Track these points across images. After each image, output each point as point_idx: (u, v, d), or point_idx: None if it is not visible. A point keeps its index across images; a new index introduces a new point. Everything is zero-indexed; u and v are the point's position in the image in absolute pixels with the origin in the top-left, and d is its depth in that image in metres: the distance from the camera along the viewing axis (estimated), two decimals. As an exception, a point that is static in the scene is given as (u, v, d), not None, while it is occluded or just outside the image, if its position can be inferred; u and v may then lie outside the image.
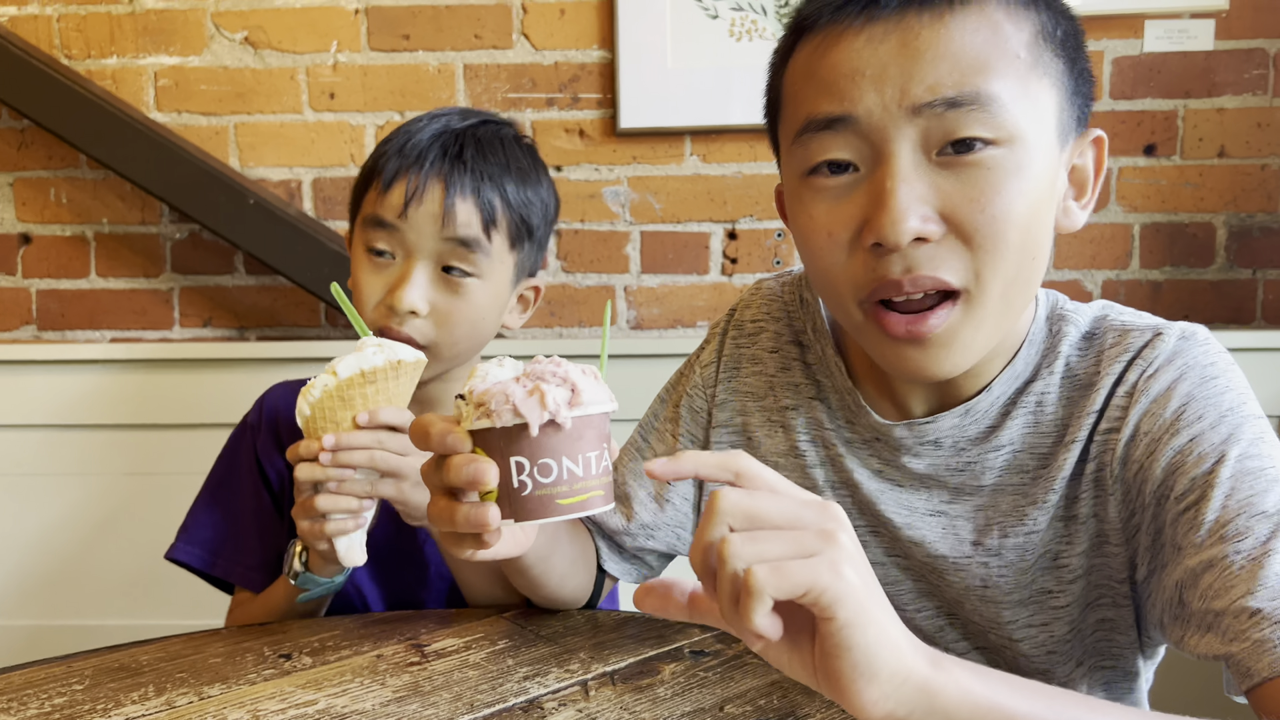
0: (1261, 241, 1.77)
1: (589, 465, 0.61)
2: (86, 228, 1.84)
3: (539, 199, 1.12)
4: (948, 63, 0.67)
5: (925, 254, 0.68)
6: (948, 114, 0.67)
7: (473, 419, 0.60)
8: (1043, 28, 0.70)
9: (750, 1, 1.73)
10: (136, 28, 1.80)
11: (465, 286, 1.05)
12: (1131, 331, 0.78)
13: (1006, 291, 0.70)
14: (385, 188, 1.05)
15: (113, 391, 1.77)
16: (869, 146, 0.69)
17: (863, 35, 0.69)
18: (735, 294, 1.82)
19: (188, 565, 1.13)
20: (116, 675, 0.80)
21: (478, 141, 1.08)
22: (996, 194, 0.67)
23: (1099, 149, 0.76)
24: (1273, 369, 1.66)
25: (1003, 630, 0.80)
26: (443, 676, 0.79)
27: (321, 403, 0.91)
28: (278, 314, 1.84)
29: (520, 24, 1.78)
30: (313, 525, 0.92)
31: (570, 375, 0.61)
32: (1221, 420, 0.70)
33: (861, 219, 0.70)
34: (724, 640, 0.86)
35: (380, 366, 0.91)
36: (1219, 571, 0.64)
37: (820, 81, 0.71)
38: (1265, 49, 1.73)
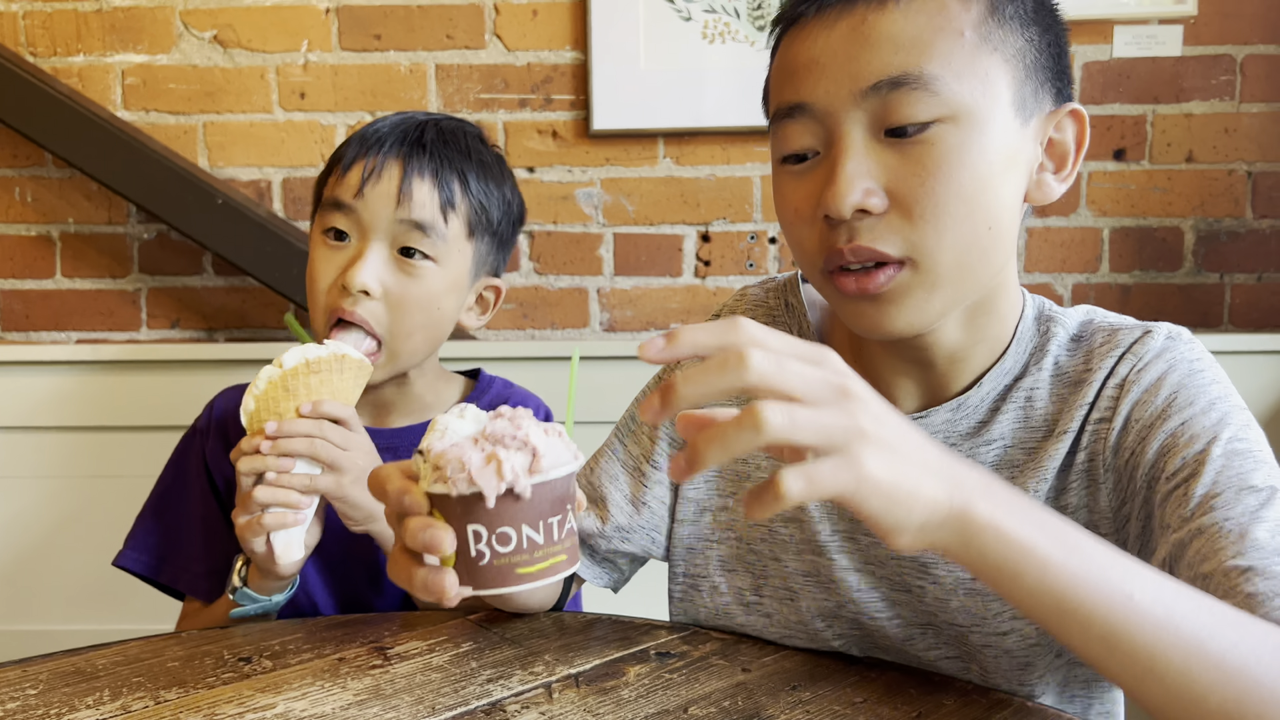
0: (1228, 246, 1.79)
1: (550, 531, 0.59)
2: (52, 227, 1.82)
3: (500, 194, 1.11)
4: (889, 45, 0.70)
5: (866, 225, 0.72)
6: (891, 95, 0.70)
7: (430, 481, 0.58)
8: (994, 4, 0.73)
9: (723, 4, 1.73)
10: (104, 25, 1.78)
11: (420, 270, 1.05)
12: (1120, 330, 0.81)
13: (961, 259, 0.73)
14: (344, 171, 1.05)
15: (79, 393, 1.74)
16: (824, 130, 0.74)
17: (816, 24, 0.74)
18: (709, 296, 1.82)
19: (134, 572, 1.12)
20: (71, 680, 0.78)
21: (440, 130, 1.09)
22: (938, 168, 0.71)
23: (1079, 123, 0.78)
24: (1239, 372, 1.68)
25: (988, 626, 0.80)
26: (405, 679, 0.78)
27: (266, 394, 0.91)
28: (247, 315, 1.82)
29: (493, 24, 1.78)
30: (250, 520, 0.91)
31: (530, 438, 0.58)
32: (1212, 406, 0.73)
33: (817, 195, 0.74)
34: (690, 642, 0.86)
35: (324, 357, 0.92)
36: (1207, 538, 0.66)
37: (784, 72, 0.76)
38: (1233, 55, 1.75)
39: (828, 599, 0.85)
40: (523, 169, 1.80)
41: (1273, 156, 1.77)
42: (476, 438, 0.58)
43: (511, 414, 0.60)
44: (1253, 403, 1.68)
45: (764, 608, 0.89)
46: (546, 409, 1.19)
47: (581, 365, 1.71)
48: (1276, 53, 1.75)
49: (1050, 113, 0.76)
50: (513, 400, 1.18)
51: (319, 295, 1.06)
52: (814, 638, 0.87)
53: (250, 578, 0.97)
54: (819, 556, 0.86)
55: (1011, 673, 0.81)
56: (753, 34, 1.73)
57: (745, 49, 1.73)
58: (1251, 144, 1.77)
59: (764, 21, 1.73)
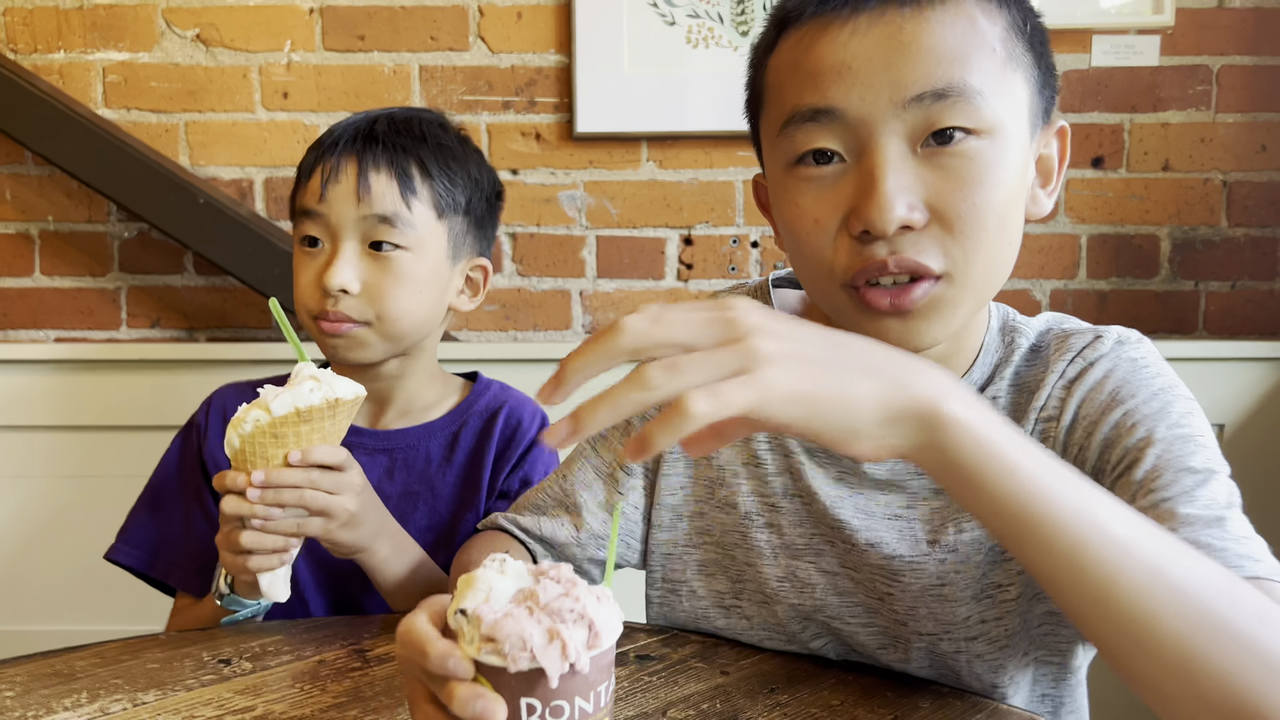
0: (1203, 254, 1.81)
1: (599, 698, 0.57)
2: (31, 225, 1.80)
3: (465, 174, 1.12)
4: (932, 56, 0.69)
5: (909, 240, 0.71)
6: (934, 106, 0.69)
7: (480, 650, 0.55)
8: (1013, 22, 0.73)
9: (707, 9, 1.74)
10: (85, 22, 1.77)
11: (395, 260, 1.06)
12: (1072, 335, 0.82)
13: (985, 272, 0.73)
14: (306, 179, 1.08)
15: (57, 392, 1.73)
16: (855, 138, 0.72)
17: (847, 28, 0.71)
18: (690, 299, 1.82)
19: (127, 566, 1.11)
20: (50, 681, 0.78)
21: (392, 121, 1.10)
22: (978, 184, 0.70)
23: (1062, 140, 0.80)
24: (1213, 378, 1.70)
25: (957, 631, 0.81)
26: (384, 682, 0.78)
27: (252, 437, 0.87)
28: (228, 315, 1.82)
29: (477, 26, 1.78)
30: (236, 559, 0.90)
31: (588, 610, 0.55)
32: (1154, 397, 0.75)
33: (848, 207, 0.72)
34: (669, 645, 0.86)
35: (317, 405, 0.87)
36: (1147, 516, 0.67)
37: (805, 74, 0.73)
38: (1209, 65, 1.78)
39: (803, 603, 0.86)
40: (506, 171, 1.80)
41: (1247, 166, 1.80)
42: (530, 606, 0.55)
43: (557, 573, 0.57)
44: (1226, 408, 1.71)
45: (743, 610, 0.89)
46: (543, 415, 1.19)
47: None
48: (1252, 64, 1.78)
49: (1042, 131, 0.77)
50: (510, 403, 1.18)
51: (304, 301, 1.08)
52: (793, 639, 0.87)
53: (237, 586, 0.97)
54: (795, 561, 0.86)
55: (985, 675, 0.82)
56: (736, 39, 1.74)
57: (729, 54, 1.74)
58: (1227, 154, 1.79)
59: (748, 27, 1.74)
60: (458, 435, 1.15)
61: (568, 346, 1.74)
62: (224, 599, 0.96)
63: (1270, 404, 1.70)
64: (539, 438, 1.00)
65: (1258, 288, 1.82)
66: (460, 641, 0.56)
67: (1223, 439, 1.69)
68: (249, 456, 0.88)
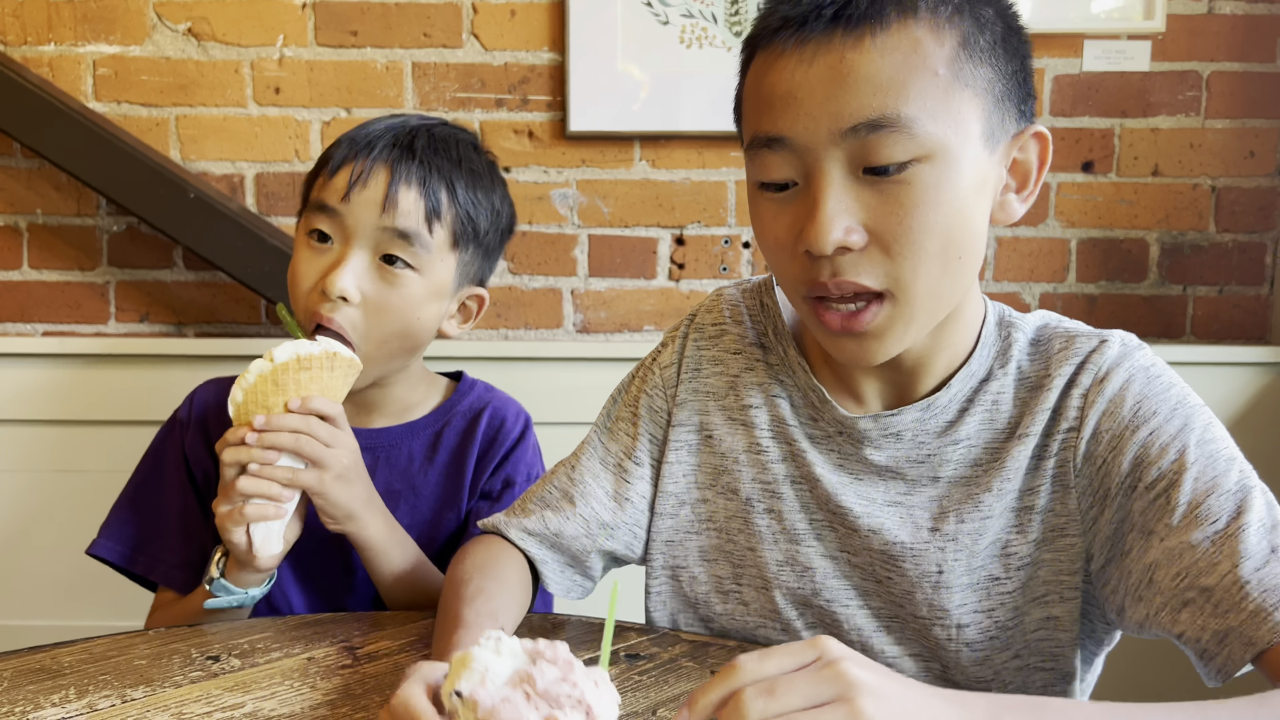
0: (1192, 259, 1.82)
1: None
2: (20, 218, 1.79)
3: (489, 204, 1.11)
4: (868, 86, 0.71)
5: (849, 261, 0.75)
6: (870, 137, 0.71)
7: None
8: (966, 38, 0.73)
9: (701, 9, 1.74)
10: (75, 15, 1.76)
11: (401, 279, 1.04)
12: (1077, 338, 0.84)
13: (934, 289, 0.76)
14: (332, 173, 1.04)
15: (44, 386, 1.72)
16: (803, 164, 0.75)
17: (794, 57, 0.74)
18: (682, 299, 1.83)
19: (108, 561, 1.11)
20: (37, 677, 0.78)
21: (431, 136, 1.08)
22: (915, 207, 0.73)
23: (1042, 144, 0.80)
24: (1201, 382, 1.70)
25: (950, 618, 0.83)
26: (374, 679, 0.78)
27: (256, 387, 0.92)
28: (217, 310, 1.81)
29: (470, 24, 1.77)
30: (232, 509, 0.92)
31: (585, 695, 0.56)
32: (1174, 413, 0.78)
33: (798, 227, 0.76)
34: (659, 644, 0.87)
35: (316, 354, 0.93)
36: (1201, 552, 0.71)
37: (762, 101, 0.76)
38: (1199, 71, 1.79)
39: (801, 587, 0.88)
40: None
41: (1236, 172, 1.81)
42: (527, 691, 0.55)
43: (553, 653, 0.57)
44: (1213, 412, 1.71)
45: (742, 595, 0.92)
46: (526, 415, 1.19)
47: (554, 367, 1.72)
48: (1241, 70, 1.79)
49: (1015, 135, 0.78)
50: (494, 402, 1.17)
51: (300, 296, 1.05)
52: (786, 628, 0.89)
53: (228, 570, 0.97)
54: (795, 545, 0.89)
55: (970, 668, 0.83)
56: (730, 40, 1.74)
57: (722, 54, 1.74)
58: (1216, 159, 1.80)
59: (741, 27, 1.74)
60: (440, 434, 1.15)
61: (558, 345, 1.76)
62: (213, 583, 0.96)
63: (1256, 408, 1.71)
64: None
65: (1245, 293, 1.83)
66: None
67: (1209, 443, 1.69)
68: (251, 408, 0.93)
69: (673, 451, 0.95)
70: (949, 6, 0.73)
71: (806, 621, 0.89)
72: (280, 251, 1.66)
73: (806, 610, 0.89)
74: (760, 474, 0.91)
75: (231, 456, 0.92)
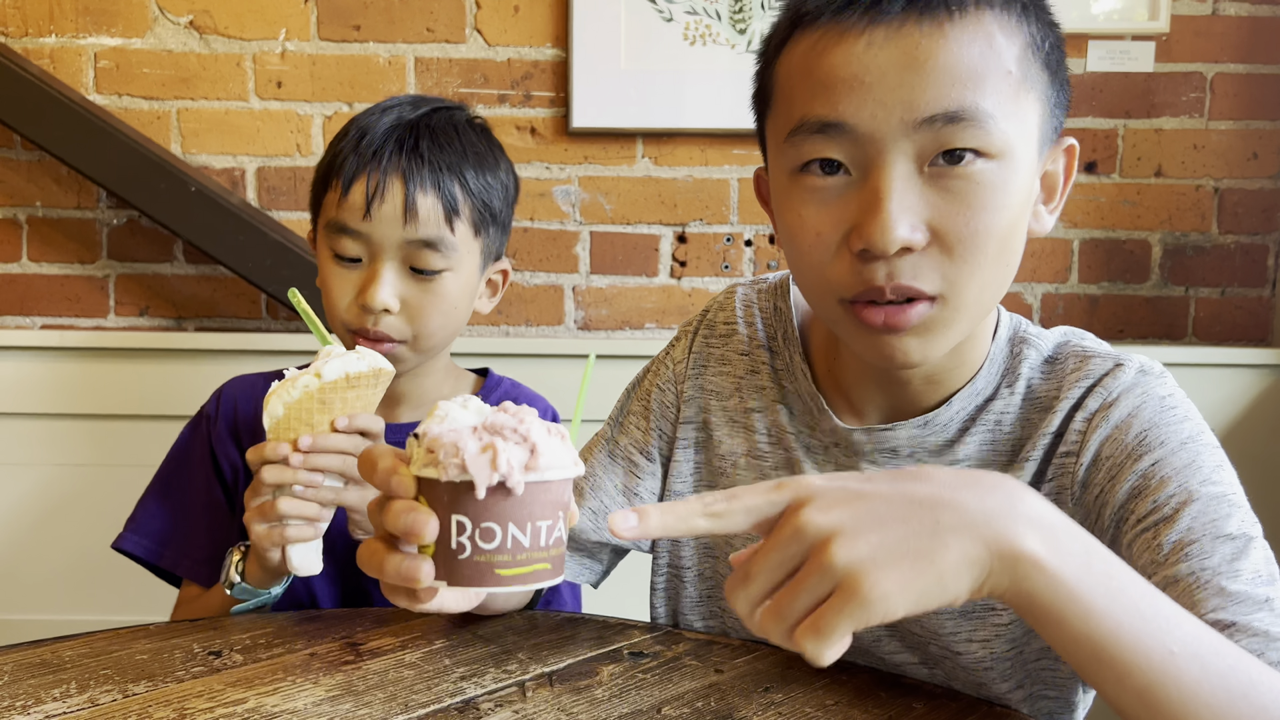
0: (1194, 260, 1.82)
1: (538, 535, 0.56)
2: (19, 210, 1.79)
3: (499, 182, 1.11)
4: (947, 77, 0.67)
5: (909, 263, 0.70)
6: (945, 129, 0.67)
7: (421, 464, 0.56)
8: (1031, 40, 0.71)
9: (705, 6, 1.74)
10: (77, 7, 1.75)
11: (435, 281, 1.06)
12: (1093, 358, 0.79)
13: (981, 295, 0.72)
14: (345, 189, 1.04)
15: (43, 380, 1.72)
16: (863, 154, 0.70)
17: (863, 39, 0.68)
18: (683, 296, 1.82)
19: (134, 556, 1.11)
20: (38, 671, 0.77)
21: (433, 131, 1.07)
22: (982, 209, 0.69)
23: (1070, 156, 0.78)
24: (1203, 384, 1.71)
25: (943, 642, 0.81)
26: (377, 676, 0.78)
27: (300, 403, 0.88)
28: (217, 304, 1.80)
29: (474, 19, 1.77)
30: (270, 530, 0.90)
31: (531, 434, 0.55)
32: (1183, 447, 0.73)
33: (850, 223, 0.71)
34: (663, 642, 0.86)
35: (365, 373, 0.90)
36: (1184, 588, 0.66)
37: (817, 82, 0.71)
38: (1203, 73, 1.79)
39: None
40: (500, 165, 1.79)
41: (1239, 173, 1.81)
42: (476, 427, 0.56)
43: (516, 410, 0.58)
44: (1214, 414, 1.72)
45: None
46: (554, 411, 1.20)
47: (555, 364, 1.71)
48: (1245, 71, 1.79)
49: (1052, 147, 0.76)
50: (520, 400, 1.19)
51: (338, 313, 1.06)
52: None
53: (248, 573, 0.97)
54: None
55: (969, 687, 0.82)
56: (734, 37, 1.74)
57: (726, 51, 1.74)
58: (1219, 160, 1.80)
59: (745, 25, 1.74)
60: None
61: (559, 342, 1.75)
62: (234, 588, 0.96)
63: (1258, 410, 1.71)
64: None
65: (1247, 294, 1.83)
66: (410, 465, 0.57)
67: (1210, 444, 1.69)
68: (293, 424, 0.89)
69: (680, 450, 0.94)
70: (1018, 5, 0.70)
71: None
72: (281, 246, 1.65)
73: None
74: (760, 479, 0.89)
75: (274, 477, 0.89)
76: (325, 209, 1.07)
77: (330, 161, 1.07)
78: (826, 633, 0.53)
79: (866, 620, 0.53)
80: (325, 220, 1.07)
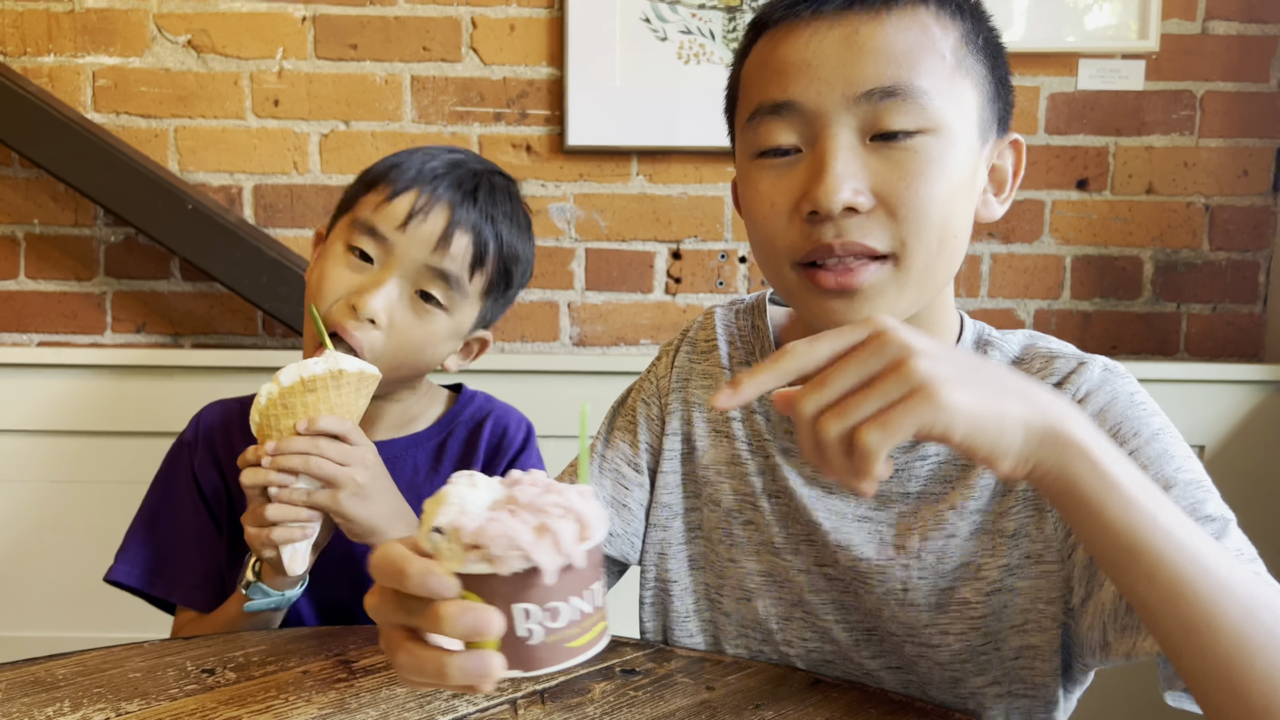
0: (1185, 276, 1.83)
1: (594, 597, 0.54)
2: (16, 228, 1.79)
3: (525, 257, 1.13)
4: (883, 57, 0.74)
5: (855, 223, 0.75)
6: (882, 104, 0.74)
7: (465, 561, 0.52)
8: (966, 34, 0.78)
9: (699, 26, 1.75)
10: (76, 26, 1.77)
11: (431, 315, 1.05)
12: (1058, 359, 0.83)
13: (929, 263, 0.77)
14: (392, 196, 1.03)
15: (40, 397, 1.72)
16: (810, 129, 0.76)
17: (809, 29, 0.76)
18: (678, 313, 1.83)
19: (127, 586, 1.11)
20: (31, 690, 0.78)
21: (492, 187, 1.09)
22: (921, 174, 0.74)
23: (1017, 152, 0.84)
24: (1194, 400, 1.72)
25: (919, 637, 0.83)
26: (370, 694, 0.78)
27: (266, 410, 0.93)
28: (214, 321, 1.81)
29: (469, 38, 1.78)
30: (259, 532, 0.93)
31: (573, 504, 0.53)
32: (1155, 437, 0.77)
33: (801, 191, 0.77)
34: (655, 659, 0.87)
35: (320, 374, 0.92)
36: None
37: (770, 71, 0.78)
38: (1193, 91, 1.80)
39: (783, 597, 0.89)
40: (496, 182, 1.80)
41: (1229, 190, 1.82)
42: (511, 509, 0.53)
43: (531, 479, 0.55)
44: (1206, 429, 1.73)
45: (723, 606, 0.92)
46: (528, 424, 1.20)
47: (550, 380, 1.72)
48: (1234, 89, 1.80)
49: (995, 141, 0.81)
50: (495, 412, 1.19)
51: (324, 303, 1.03)
52: (768, 638, 0.90)
53: (264, 573, 0.98)
54: (775, 557, 0.89)
55: (945, 685, 0.83)
56: (728, 56, 1.75)
57: (720, 70, 1.75)
58: (1209, 178, 1.82)
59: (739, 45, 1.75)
60: (444, 445, 1.16)
61: (555, 358, 1.76)
62: (249, 587, 0.97)
63: (1250, 426, 1.72)
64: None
65: (1239, 310, 1.84)
66: (440, 560, 0.52)
67: (1203, 461, 1.69)
68: (267, 430, 0.94)
69: (666, 461, 0.96)
70: (952, 3, 0.77)
71: (787, 636, 0.89)
72: (277, 264, 1.66)
73: (788, 623, 0.89)
74: (740, 485, 0.92)
75: (250, 479, 0.92)
76: (360, 207, 1.06)
77: (384, 171, 1.06)
78: (893, 429, 0.55)
79: (931, 426, 0.55)
80: (355, 217, 1.05)
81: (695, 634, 0.94)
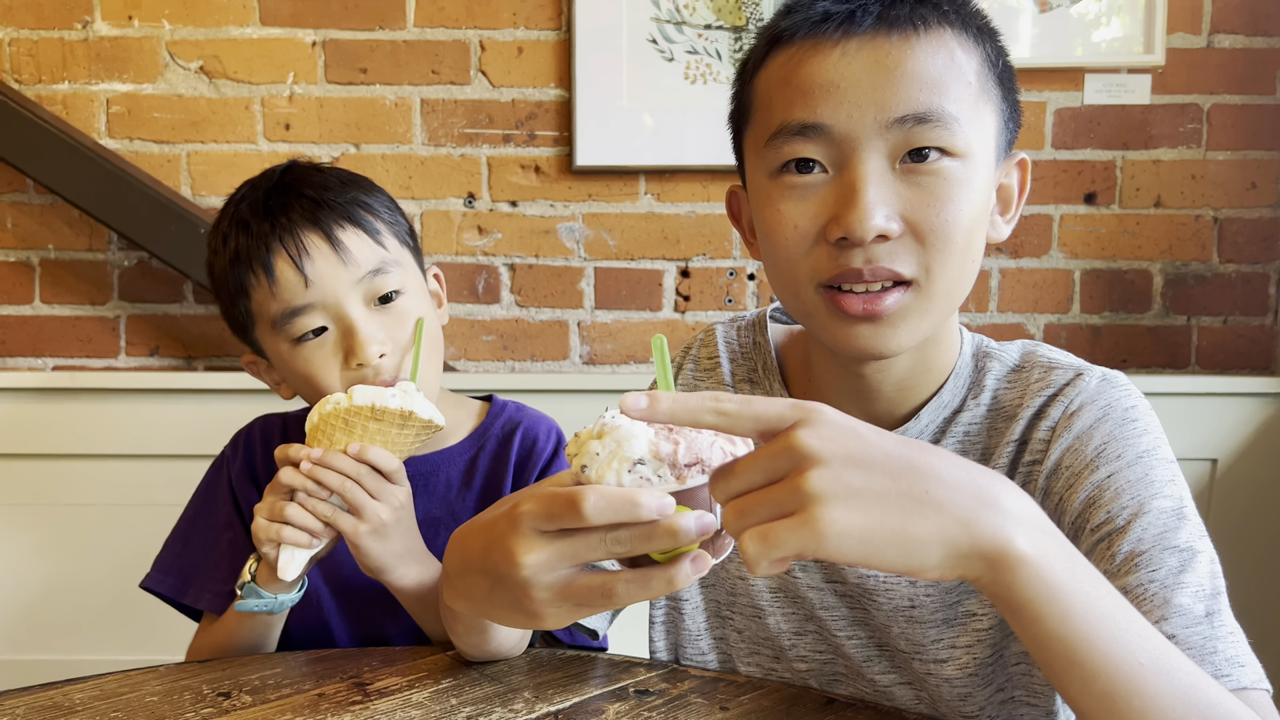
0: (1195, 289, 1.83)
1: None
2: (32, 253, 1.81)
3: (377, 192, 1.11)
4: (916, 82, 0.73)
5: (884, 249, 0.75)
6: (915, 129, 0.73)
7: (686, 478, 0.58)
8: (986, 58, 0.78)
9: (705, 46, 1.76)
10: (90, 54, 1.79)
11: (399, 306, 1.04)
12: (1055, 369, 0.83)
13: (950, 286, 0.77)
14: (270, 275, 1.01)
15: (55, 421, 1.73)
16: (839, 153, 0.75)
17: (838, 50, 0.75)
18: (687, 330, 1.84)
19: (159, 593, 1.13)
20: (49, 714, 0.78)
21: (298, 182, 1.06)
22: (949, 200, 0.74)
23: (1023, 171, 0.84)
24: (1205, 413, 1.71)
25: (928, 653, 0.83)
26: (385, 716, 0.78)
27: (328, 418, 0.94)
28: (226, 344, 1.82)
29: (478, 61, 1.80)
30: (269, 525, 0.94)
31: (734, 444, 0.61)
32: (1138, 460, 0.76)
33: (828, 216, 0.75)
34: (668, 679, 0.87)
35: (392, 409, 0.94)
36: (1134, 597, 0.69)
37: (795, 90, 0.76)
38: (1199, 104, 1.80)
39: (794, 613, 0.89)
40: (505, 203, 1.82)
41: (1238, 203, 1.82)
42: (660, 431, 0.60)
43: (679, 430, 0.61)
44: (1217, 443, 1.72)
45: (735, 624, 0.92)
46: (559, 431, 1.20)
47: (560, 399, 1.72)
48: (1241, 103, 1.80)
49: (1006, 160, 0.82)
50: (525, 421, 1.18)
51: (339, 388, 1.02)
52: (780, 655, 0.90)
53: (260, 576, 0.98)
54: (785, 574, 0.89)
55: (954, 702, 0.83)
56: (733, 76, 1.76)
57: (726, 90, 1.75)
58: (1217, 190, 1.82)
59: (745, 63, 1.76)
60: (476, 459, 1.16)
61: (565, 377, 1.76)
62: (244, 586, 0.98)
63: (1261, 438, 1.71)
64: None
65: (1249, 323, 1.84)
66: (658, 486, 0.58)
67: (1214, 474, 1.70)
68: (319, 435, 0.95)
69: None
70: (974, 28, 0.77)
71: (800, 653, 0.89)
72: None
73: (799, 639, 0.89)
74: None
75: (286, 479, 0.94)
76: (260, 313, 1.04)
77: (228, 268, 1.04)
78: (770, 545, 0.53)
79: (814, 551, 0.53)
80: (267, 322, 1.03)
81: (707, 652, 0.94)
